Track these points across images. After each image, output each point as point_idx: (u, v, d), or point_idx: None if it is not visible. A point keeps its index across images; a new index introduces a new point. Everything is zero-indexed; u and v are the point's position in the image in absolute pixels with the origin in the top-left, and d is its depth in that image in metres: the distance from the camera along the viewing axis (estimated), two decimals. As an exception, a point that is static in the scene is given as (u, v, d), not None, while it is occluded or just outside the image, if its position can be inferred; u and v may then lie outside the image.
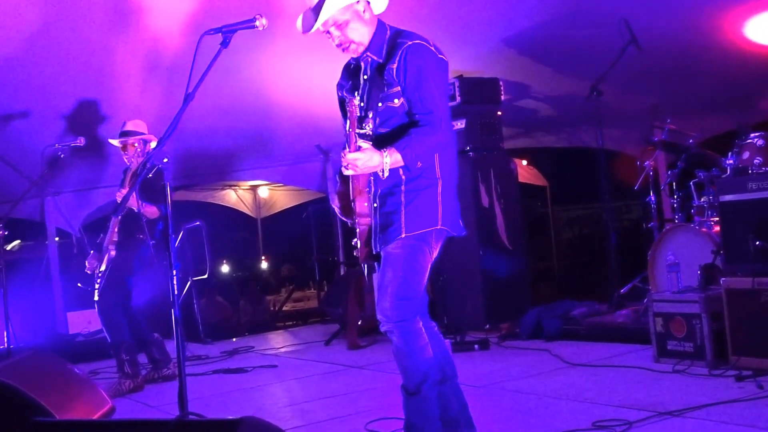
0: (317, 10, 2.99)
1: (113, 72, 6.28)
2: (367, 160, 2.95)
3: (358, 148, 2.96)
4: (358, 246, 3.20)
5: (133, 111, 6.29)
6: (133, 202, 5.26)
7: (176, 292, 3.06)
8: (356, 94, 3.16)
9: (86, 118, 6.66)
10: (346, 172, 3.02)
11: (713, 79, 7.22)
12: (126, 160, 5.63)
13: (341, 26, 3.05)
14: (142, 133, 5.58)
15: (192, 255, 7.80)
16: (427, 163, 3.06)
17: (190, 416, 2.85)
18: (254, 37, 5.68)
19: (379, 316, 3.11)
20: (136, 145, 5.54)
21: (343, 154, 2.99)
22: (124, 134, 5.60)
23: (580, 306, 6.14)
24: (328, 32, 3.08)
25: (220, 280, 10.30)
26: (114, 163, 5.81)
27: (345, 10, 3.02)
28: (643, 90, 7.52)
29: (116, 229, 5.46)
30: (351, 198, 3.14)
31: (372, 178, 3.10)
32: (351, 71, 3.28)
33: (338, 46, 3.12)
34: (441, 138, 3.07)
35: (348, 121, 3.06)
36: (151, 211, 5.41)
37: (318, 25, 3.00)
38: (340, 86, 3.33)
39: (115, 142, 5.66)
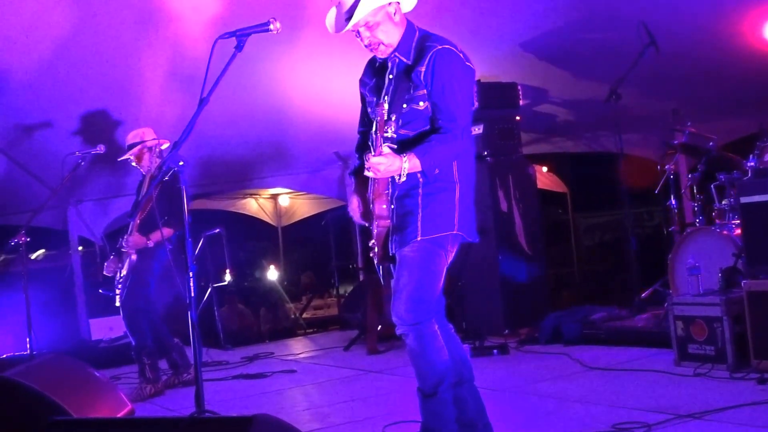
0: (351, 10, 3.02)
1: (135, 80, 6.35)
2: (389, 165, 2.98)
3: (381, 153, 2.98)
4: (375, 249, 3.21)
5: (154, 119, 6.34)
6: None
7: (192, 294, 3.08)
8: (382, 95, 3.16)
9: (107, 126, 6.73)
10: (368, 174, 3.04)
11: (733, 81, 7.15)
12: (143, 171, 5.66)
13: (372, 27, 3.07)
14: (145, 141, 5.59)
15: (212, 262, 7.85)
16: (445, 168, 3.08)
17: (206, 414, 2.86)
18: (273, 45, 5.77)
19: (394, 319, 3.11)
20: (145, 152, 5.57)
21: (367, 158, 3.00)
22: (131, 147, 5.62)
23: (600, 311, 6.09)
24: (357, 32, 3.10)
25: (241, 288, 10.33)
26: (135, 170, 5.86)
27: (377, 12, 3.05)
28: (663, 93, 7.46)
29: (136, 233, 5.44)
30: (370, 200, 3.16)
31: (390, 180, 3.12)
32: (375, 69, 3.28)
33: (367, 46, 3.14)
34: (460, 145, 3.09)
35: (375, 125, 3.07)
36: (165, 233, 5.31)
37: (350, 26, 3.04)
38: (362, 83, 3.34)
39: (130, 157, 5.66)
